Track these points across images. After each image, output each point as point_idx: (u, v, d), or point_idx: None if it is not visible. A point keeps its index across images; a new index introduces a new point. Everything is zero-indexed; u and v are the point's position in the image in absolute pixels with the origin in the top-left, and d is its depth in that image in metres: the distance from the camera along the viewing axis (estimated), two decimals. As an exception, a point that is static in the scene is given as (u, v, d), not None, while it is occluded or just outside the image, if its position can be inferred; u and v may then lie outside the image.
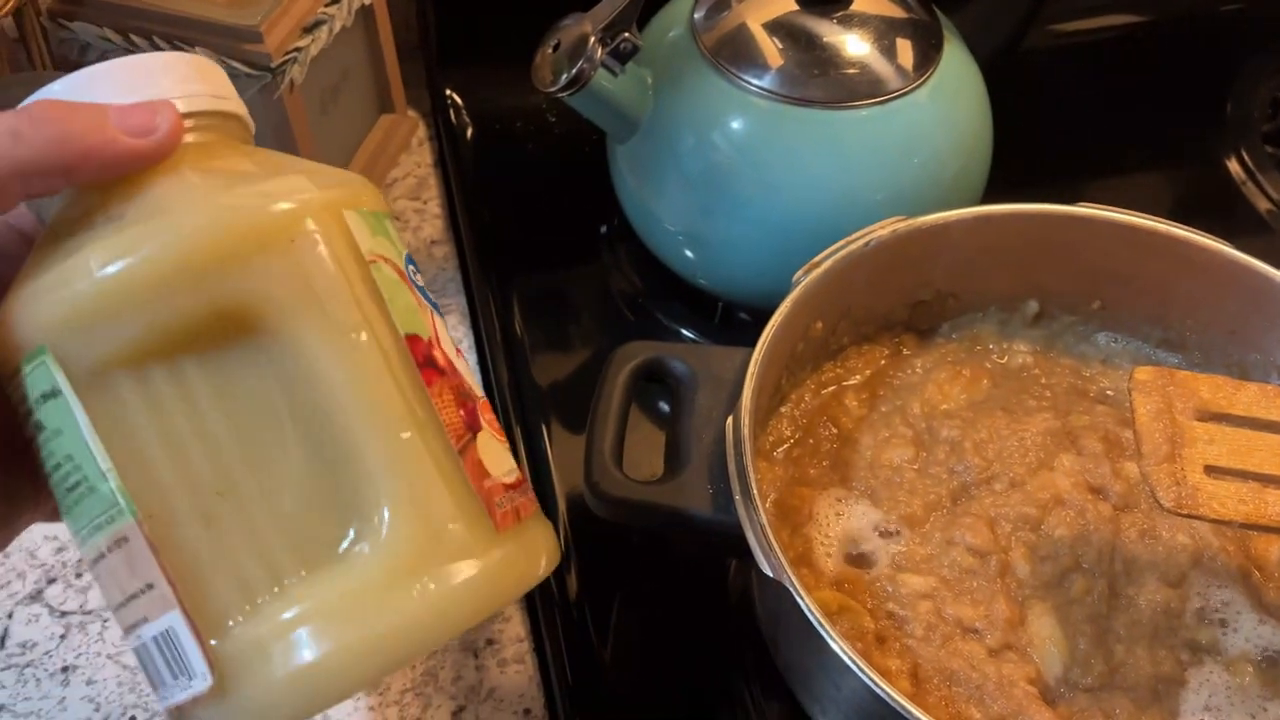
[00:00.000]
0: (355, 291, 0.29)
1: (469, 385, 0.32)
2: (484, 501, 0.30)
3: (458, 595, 0.29)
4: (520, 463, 0.55)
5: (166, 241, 0.27)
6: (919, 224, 0.48)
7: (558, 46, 0.51)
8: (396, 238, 0.32)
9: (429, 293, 0.33)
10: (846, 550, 0.45)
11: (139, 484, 0.28)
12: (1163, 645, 0.42)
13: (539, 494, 0.52)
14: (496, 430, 0.33)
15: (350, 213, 0.30)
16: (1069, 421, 0.49)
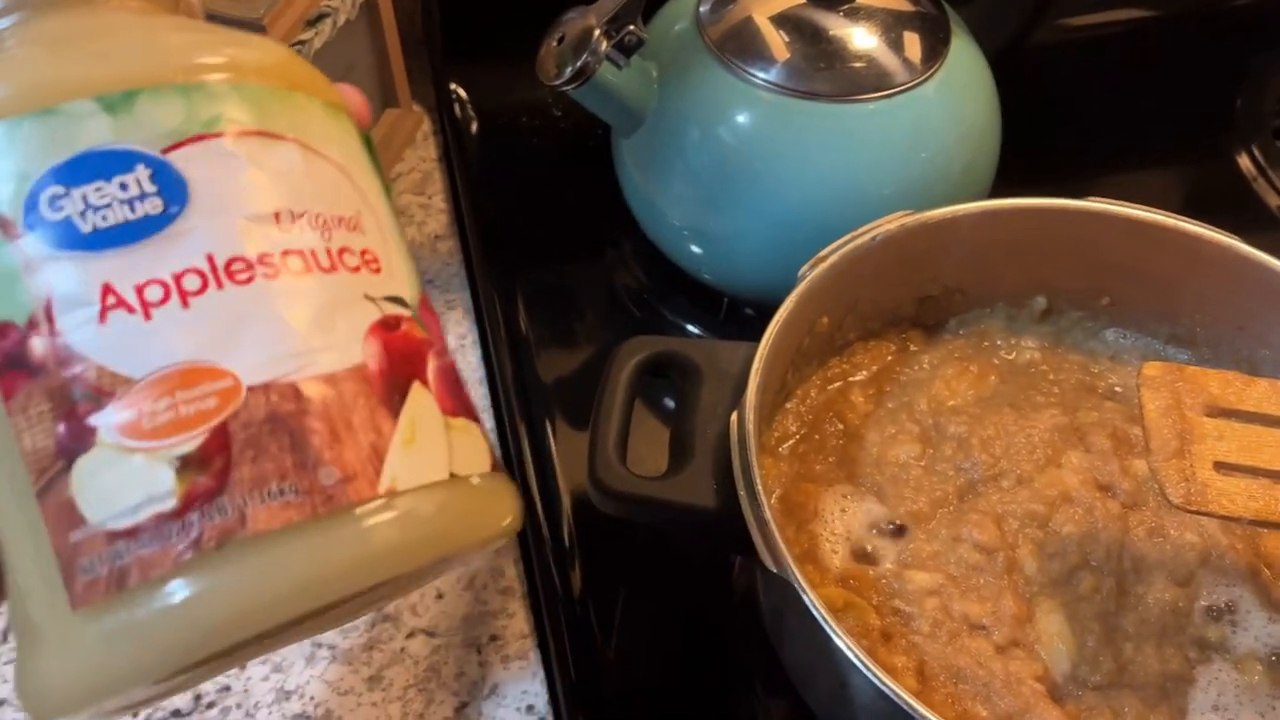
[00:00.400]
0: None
1: (102, 371, 0.22)
2: (62, 565, 0.22)
3: (41, 695, 0.23)
4: (523, 461, 0.56)
5: None
6: (926, 218, 0.48)
7: (562, 39, 0.51)
8: (40, 149, 0.23)
9: (120, 208, 0.23)
10: (852, 547, 0.45)
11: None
12: (1171, 643, 0.42)
13: (544, 490, 0.53)
14: (157, 433, 0.22)
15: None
16: (1077, 418, 0.49)
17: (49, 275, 0.22)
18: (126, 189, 0.23)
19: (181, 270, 0.23)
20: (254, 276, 0.23)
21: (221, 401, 0.22)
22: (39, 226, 0.22)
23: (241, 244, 0.24)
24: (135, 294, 0.22)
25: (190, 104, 0.24)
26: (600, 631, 0.49)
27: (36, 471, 0.22)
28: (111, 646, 0.22)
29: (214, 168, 0.24)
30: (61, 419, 0.22)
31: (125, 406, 0.22)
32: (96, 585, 0.22)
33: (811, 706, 0.43)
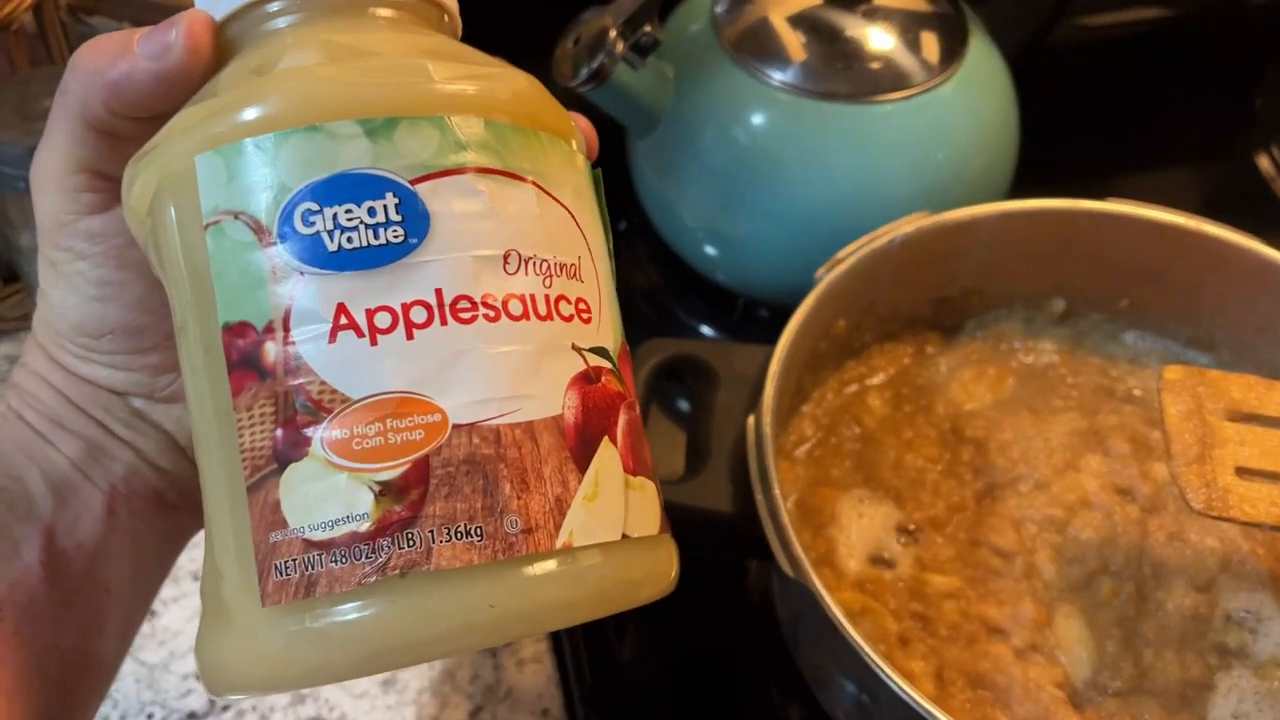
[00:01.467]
0: (187, 271, 0.24)
1: (323, 388, 0.23)
2: (258, 561, 0.23)
3: (219, 656, 0.24)
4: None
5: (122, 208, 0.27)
6: (944, 220, 0.48)
7: (578, 40, 0.51)
8: (300, 164, 0.24)
9: (365, 232, 0.24)
10: (869, 551, 0.45)
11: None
12: (1191, 649, 0.41)
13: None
14: (363, 457, 0.23)
15: (207, 156, 0.24)
16: (1096, 421, 0.48)
17: (291, 286, 0.23)
18: (374, 215, 0.23)
19: (411, 301, 0.23)
20: (476, 317, 0.24)
21: (428, 435, 0.23)
22: (290, 238, 0.23)
23: (469, 283, 0.24)
24: (365, 318, 0.23)
25: (444, 137, 0.24)
26: (615, 635, 0.49)
27: (251, 467, 0.23)
28: (292, 647, 0.23)
29: (456, 203, 0.24)
30: (281, 424, 0.23)
31: (339, 425, 0.23)
32: (287, 587, 0.23)
33: (828, 711, 0.43)
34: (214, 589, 0.24)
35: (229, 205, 0.24)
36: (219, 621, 0.24)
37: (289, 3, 0.26)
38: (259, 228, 0.23)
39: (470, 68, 0.26)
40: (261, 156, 0.24)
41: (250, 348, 0.23)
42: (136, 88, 0.26)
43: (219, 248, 0.24)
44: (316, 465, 0.23)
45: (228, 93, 0.25)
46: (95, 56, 0.26)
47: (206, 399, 0.24)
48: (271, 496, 0.23)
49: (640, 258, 0.64)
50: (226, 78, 0.26)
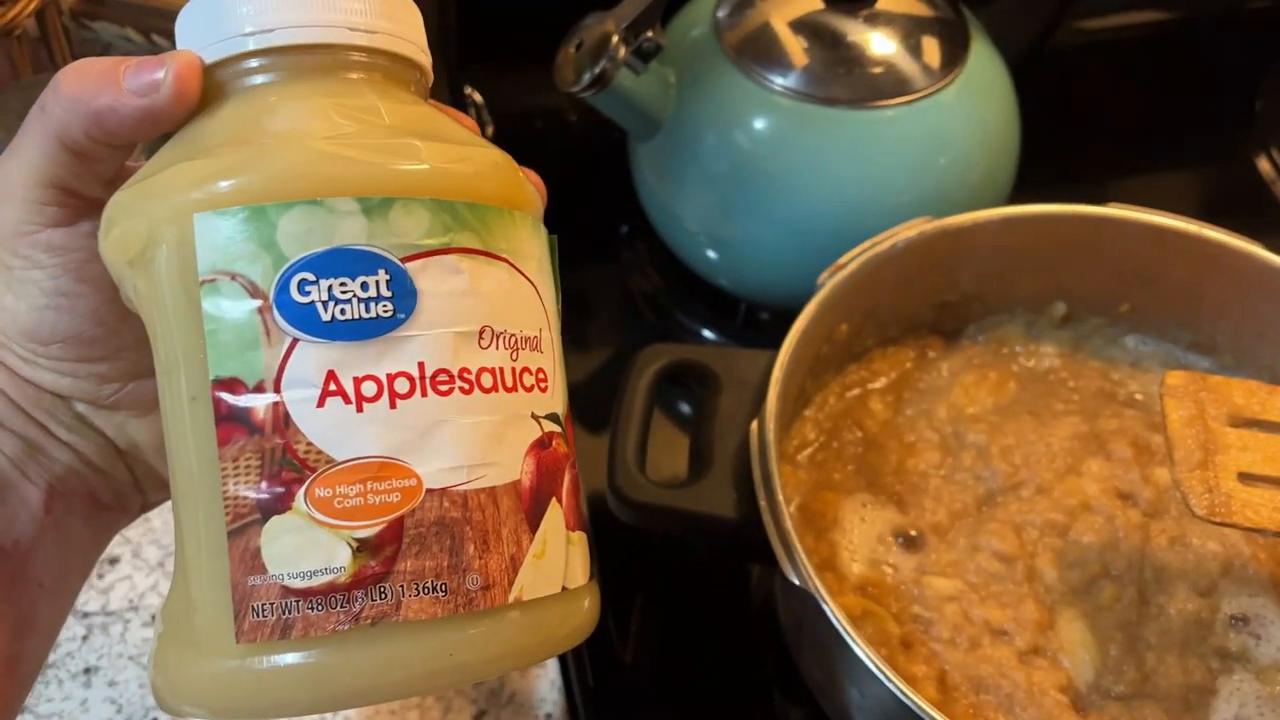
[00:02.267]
0: (177, 322, 0.26)
1: (309, 448, 0.25)
2: (235, 600, 0.25)
3: (185, 684, 0.26)
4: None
5: (99, 235, 0.27)
6: (946, 225, 0.48)
7: (580, 45, 0.51)
8: (300, 235, 0.25)
9: (357, 305, 0.25)
10: (871, 556, 0.45)
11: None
12: (1193, 654, 0.42)
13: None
14: (344, 515, 0.25)
15: (206, 216, 0.25)
16: (1097, 426, 0.48)
17: (283, 350, 0.25)
18: (366, 289, 0.25)
19: (395, 373, 0.25)
20: (452, 389, 0.26)
21: (404, 498, 0.25)
22: (286, 305, 0.25)
23: (449, 357, 0.26)
24: (353, 386, 0.25)
25: (433, 218, 0.26)
26: (618, 639, 0.49)
27: (234, 514, 0.25)
28: (262, 683, 0.25)
29: (441, 282, 0.26)
30: (266, 478, 0.25)
31: (323, 484, 0.25)
32: (263, 627, 0.25)
33: (830, 715, 0.43)
34: (185, 617, 0.26)
35: (226, 266, 0.25)
36: (187, 648, 0.26)
37: (277, 59, 0.27)
38: (256, 291, 0.25)
39: (456, 149, 0.27)
40: (262, 223, 0.25)
41: (240, 403, 0.25)
42: (120, 120, 0.27)
43: (214, 306, 0.25)
44: (299, 519, 0.25)
45: (227, 152, 0.26)
46: (81, 82, 0.27)
47: (190, 443, 0.26)
48: (253, 543, 0.25)
49: (642, 261, 0.64)
50: (219, 130, 0.27)
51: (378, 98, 0.28)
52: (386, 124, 0.27)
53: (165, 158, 0.27)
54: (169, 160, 0.27)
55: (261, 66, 0.27)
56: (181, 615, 0.26)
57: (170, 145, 0.28)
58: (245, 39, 0.27)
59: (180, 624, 0.26)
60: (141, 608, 0.49)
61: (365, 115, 0.27)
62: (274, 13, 0.27)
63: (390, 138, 0.27)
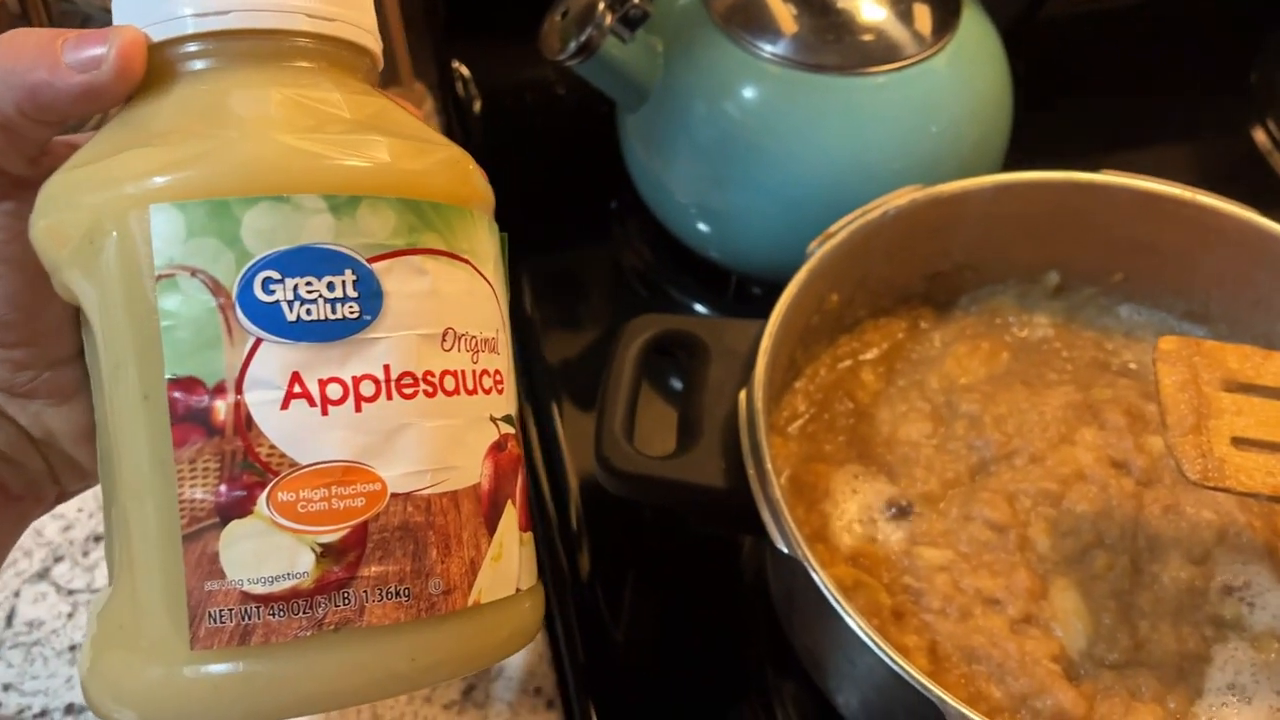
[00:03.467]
0: (128, 316, 0.24)
1: (271, 451, 0.24)
2: (190, 606, 0.24)
3: (130, 691, 0.25)
4: (530, 444, 0.55)
5: (35, 216, 0.26)
6: (937, 193, 0.47)
7: (566, 14, 0.50)
8: (265, 232, 0.24)
9: (323, 306, 0.24)
10: (863, 526, 0.44)
11: (98, 427, 0.28)
12: (1187, 622, 0.41)
13: (551, 474, 0.52)
14: (307, 519, 0.24)
15: (164, 208, 0.24)
16: (1091, 395, 0.48)
17: (245, 350, 0.24)
18: (332, 289, 0.24)
19: (361, 375, 0.25)
20: (417, 393, 0.25)
21: (368, 503, 0.25)
22: (250, 304, 0.24)
23: (413, 360, 0.25)
24: (318, 388, 0.24)
25: (399, 218, 0.25)
26: (609, 614, 0.48)
27: (189, 518, 0.24)
28: (218, 690, 0.24)
29: (406, 283, 0.25)
30: (226, 481, 0.24)
31: (286, 488, 0.24)
32: (221, 634, 0.24)
33: (821, 688, 0.43)
34: (129, 621, 0.25)
35: (185, 261, 0.24)
36: (132, 652, 0.25)
37: (230, 43, 0.26)
38: (217, 288, 0.24)
39: (418, 145, 0.27)
40: (225, 218, 0.24)
41: (198, 404, 0.24)
42: (57, 96, 0.25)
43: (171, 301, 0.24)
44: (260, 524, 0.24)
45: (185, 140, 0.25)
46: (14, 54, 0.25)
47: (141, 443, 0.25)
48: (210, 548, 0.24)
49: (631, 236, 0.64)
50: (170, 115, 0.26)
51: (334, 87, 0.27)
52: (348, 118, 0.26)
53: (110, 141, 0.26)
54: (116, 144, 0.25)
55: (214, 50, 0.26)
56: (126, 619, 0.25)
57: (113, 127, 0.26)
58: (200, 19, 0.26)
59: (124, 628, 0.25)
60: (127, 585, 0.49)
61: (325, 107, 0.26)
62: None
63: (354, 132, 0.26)
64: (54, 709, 0.45)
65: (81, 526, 0.51)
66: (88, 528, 0.51)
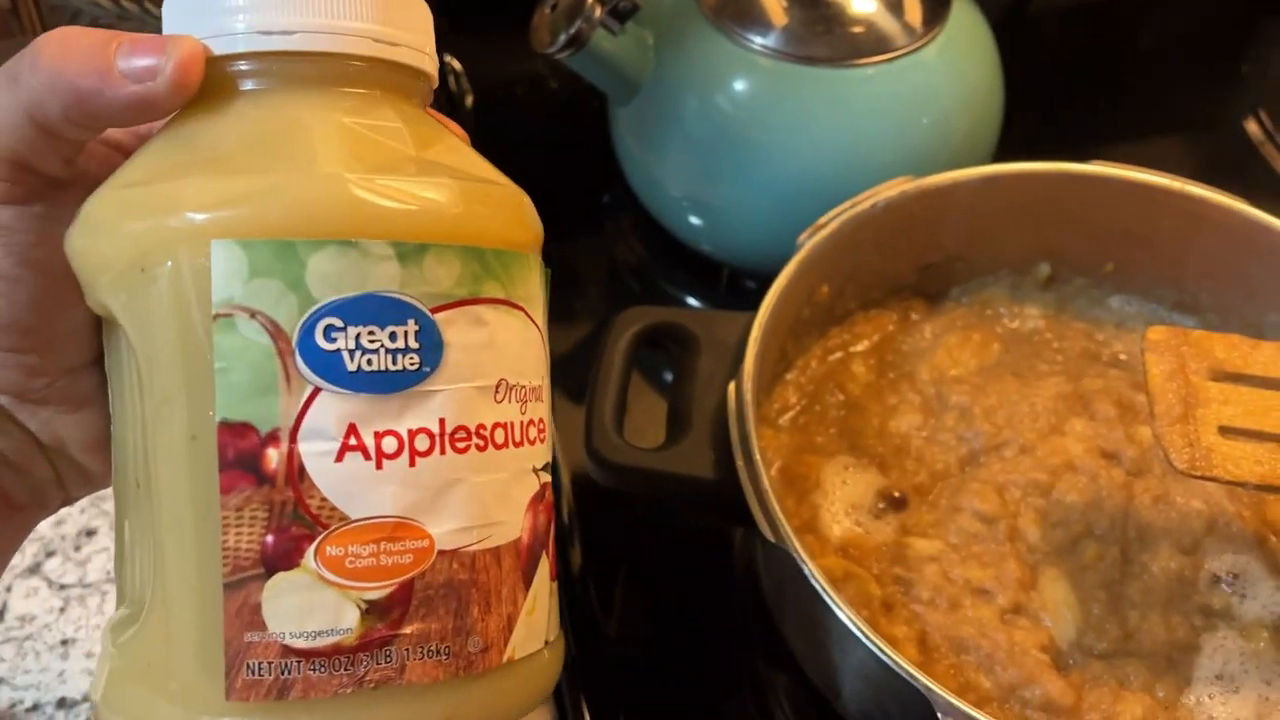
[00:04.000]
0: (179, 352, 0.24)
1: (323, 504, 0.24)
2: (228, 656, 0.23)
3: (136, 714, 0.25)
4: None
5: (74, 233, 0.26)
6: (927, 184, 0.47)
7: (555, 7, 0.50)
8: (330, 277, 0.23)
9: (384, 356, 0.24)
10: (853, 518, 0.44)
11: (115, 436, 0.27)
12: (1177, 611, 0.41)
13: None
14: (355, 575, 0.24)
15: (227, 245, 0.23)
16: (1081, 386, 0.48)
17: (302, 398, 0.23)
18: (394, 340, 0.24)
19: (417, 429, 0.24)
20: (469, 447, 0.25)
21: (415, 560, 0.24)
22: (310, 351, 0.23)
23: (468, 414, 0.25)
24: (374, 441, 0.24)
25: (464, 266, 0.25)
26: (600, 608, 0.48)
27: (232, 566, 0.23)
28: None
29: (466, 334, 0.25)
30: (273, 532, 0.23)
31: (335, 542, 0.24)
32: (259, 686, 0.23)
33: (813, 679, 0.43)
34: (159, 661, 0.25)
35: (246, 301, 0.23)
36: (157, 692, 0.24)
37: (296, 64, 0.25)
38: (277, 332, 0.23)
39: (484, 189, 0.26)
40: (290, 259, 0.23)
41: (250, 450, 0.23)
42: (106, 105, 0.24)
43: (228, 342, 0.23)
44: (307, 577, 0.24)
45: (250, 172, 0.24)
46: (65, 56, 0.24)
47: (185, 484, 0.24)
48: (252, 599, 0.23)
49: (624, 230, 0.64)
50: (232, 138, 0.25)
51: (396, 115, 0.26)
52: (414, 155, 0.26)
53: (165, 158, 0.25)
54: (172, 164, 0.25)
55: (274, 69, 0.25)
56: (154, 657, 0.25)
57: (167, 142, 0.25)
58: (265, 37, 0.25)
59: (152, 666, 0.25)
60: (119, 580, 0.49)
61: (392, 141, 0.26)
62: (297, 14, 0.25)
63: (423, 174, 0.25)
64: (46, 703, 0.45)
65: (73, 521, 0.51)
66: (79, 523, 0.51)
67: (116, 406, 0.27)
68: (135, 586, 0.26)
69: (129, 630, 0.26)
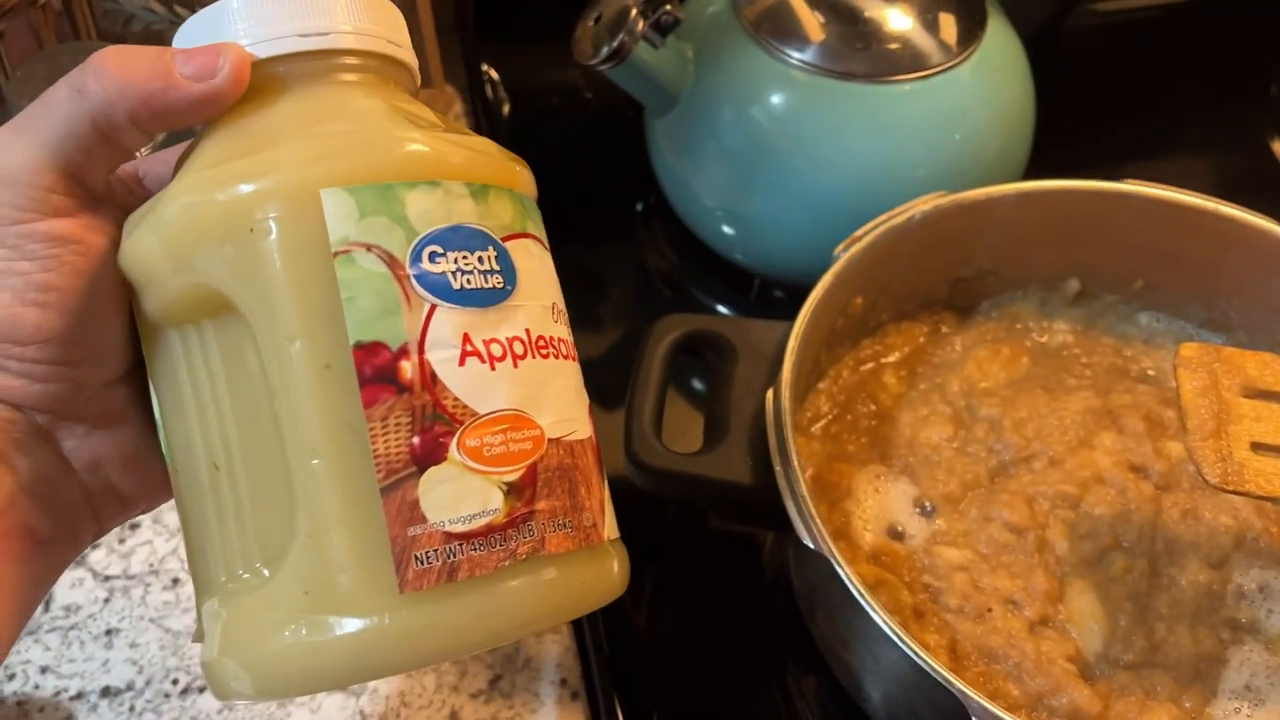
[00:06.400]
0: (302, 292, 0.26)
1: (456, 403, 0.26)
2: (395, 554, 0.26)
3: (328, 651, 0.26)
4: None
5: (156, 223, 0.27)
6: (961, 199, 0.48)
7: (599, 19, 0.51)
8: (426, 212, 0.27)
9: (478, 276, 0.27)
10: (884, 525, 0.45)
11: (174, 437, 0.29)
12: (1203, 624, 0.42)
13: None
14: (493, 461, 0.27)
15: (335, 192, 0.26)
16: (1110, 400, 0.49)
17: (423, 315, 0.26)
18: (483, 262, 0.27)
19: (512, 337, 0.28)
20: (550, 354, 0.29)
21: (534, 446, 0.27)
22: (421, 274, 0.27)
23: (543, 326, 0.29)
24: (484, 346, 0.27)
25: (514, 205, 0.29)
26: (633, 607, 0.49)
27: (385, 470, 0.26)
28: (430, 629, 0.26)
29: (528, 260, 0.29)
30: (419, 433, 0.26)
31: (472, 434, 0.27)
32: (428, 574, 0.26)
33: (843, 682, 0.43)
34: (318, 585, 0.26)
35: (361, 238, 0.26)
36: (320, 616, 0.26)
37: (317, 61, 0.29)
38: (392, 261, 0.26)
39: (496, 148, 0.30)
40: (391, 199, 0.27)
41: (386, 365, 0.26)
42: (173, 104, 0.27)
43: (350, 274, 0.26)
44: (454, 469, 0.26)
45: (334, 135, 0.27)
46: (129, 66, 0.27)
47: (322, 411, 0.26)
48: (410, 495, 0.26)
49: (657, 238, 0.65)
50: (296, 117, 0.28)
51: (409, 99, 0.30)
52: (441, 124, 0.29)
53: (234, 144, 0.28)
54: (249, 145, 0.27)
55: (309, 67, 0.29)
56: (312, 584, 0.26)
57: (224, 136, 0.28)
58: (304, 39, 0.28)
59: (310, 594, 0.26)
60: (162, 571, 0.50)
61: (422, 113, 0.29)
62: (329, 19, 0.29)
63: (459, 134, 0.29)
64: (90, 691, 0.46)
65: (117, 514, 0.52)
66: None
67: (171, 408, 0.29)
68: (244, 549, 0.28)
69: (252, 589, 0.27)
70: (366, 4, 0.29)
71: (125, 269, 0.28)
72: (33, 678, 0.47)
